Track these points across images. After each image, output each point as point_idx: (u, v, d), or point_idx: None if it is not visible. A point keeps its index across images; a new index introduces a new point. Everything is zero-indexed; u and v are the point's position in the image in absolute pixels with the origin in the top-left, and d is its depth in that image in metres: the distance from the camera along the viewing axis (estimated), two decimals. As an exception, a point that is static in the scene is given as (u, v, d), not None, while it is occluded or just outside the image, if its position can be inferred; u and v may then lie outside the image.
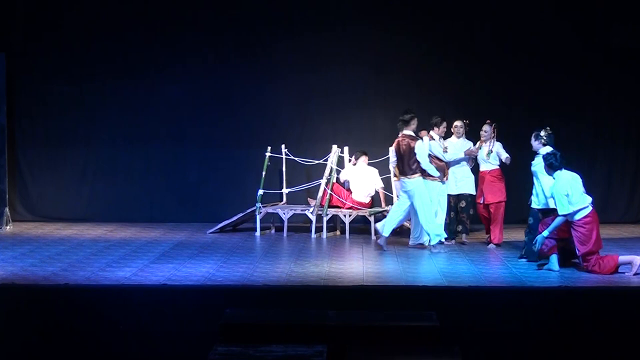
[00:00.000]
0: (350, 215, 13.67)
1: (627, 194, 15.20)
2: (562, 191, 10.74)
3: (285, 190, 14.52)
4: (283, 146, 14.49)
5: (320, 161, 14.17)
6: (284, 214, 13.86)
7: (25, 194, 15.21)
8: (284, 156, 14.47)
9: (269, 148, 14.27)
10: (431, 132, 12.83)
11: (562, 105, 15.01)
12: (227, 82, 15.09)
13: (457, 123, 13.04)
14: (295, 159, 14.39)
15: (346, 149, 14.40)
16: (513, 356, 9.30)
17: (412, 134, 12.42)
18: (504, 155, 12.60)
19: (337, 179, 14.02)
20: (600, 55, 14.93)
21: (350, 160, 14.31)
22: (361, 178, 14.10)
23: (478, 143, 12.82)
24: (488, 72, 14.95)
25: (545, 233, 10.74)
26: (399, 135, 12.47)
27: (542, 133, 11.59)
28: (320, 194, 13.79)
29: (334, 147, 14.11)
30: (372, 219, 13.58)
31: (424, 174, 12.39)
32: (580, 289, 9.97)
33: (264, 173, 14.10)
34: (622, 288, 9.98)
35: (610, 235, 13.71)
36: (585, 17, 14.93)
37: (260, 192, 14.00)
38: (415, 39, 15.04)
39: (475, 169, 13.06)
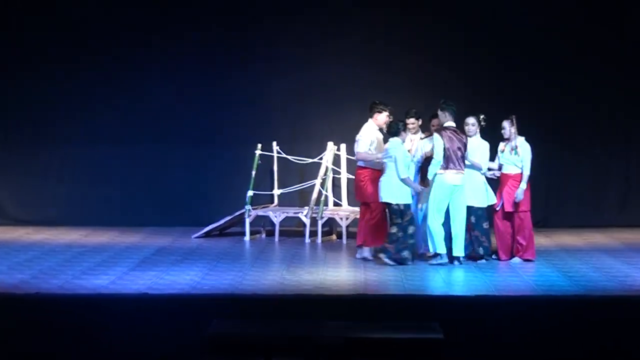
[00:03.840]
0: (347, 219, 13.57)
1: (624, 195, 15.13)
2: None
3: (277, 192, 14.37)
4: (275, 143, 14.37)
5: (315, 160, 14.12)
6: (276, 216, 13.73)
7: (-8, 196, 15.51)
8: (275, 154, 14.37)
9: (260, 145, 14.17)
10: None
11: (560, 105, 14.97)
12: (214, 76, 14.98)
13: (469, 120, 12.17)
14: (288, 157, 14.31)
15: (343, 146, 14.30)
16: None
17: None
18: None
19: None
20: (600, 55, 14.94)
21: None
22: None
23: (501, 144, 12.02)
24: (487, 70, 14.88)
25: None
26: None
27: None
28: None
29: (330, 144, 14.00)
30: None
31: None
32: (596, 297, 9.74)
33: (254, 173, 14.00)
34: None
35: (607, 237, 13.81)
36: (584, 18, 14.96)
37: (250, 193, 13.86)
38: (413, 34, 14.97)
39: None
